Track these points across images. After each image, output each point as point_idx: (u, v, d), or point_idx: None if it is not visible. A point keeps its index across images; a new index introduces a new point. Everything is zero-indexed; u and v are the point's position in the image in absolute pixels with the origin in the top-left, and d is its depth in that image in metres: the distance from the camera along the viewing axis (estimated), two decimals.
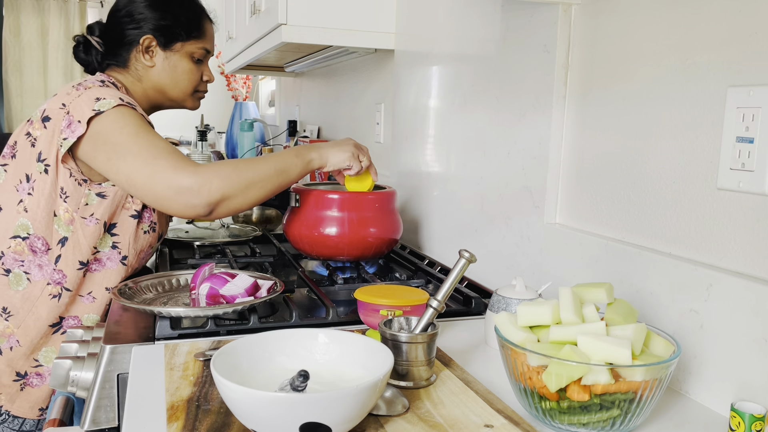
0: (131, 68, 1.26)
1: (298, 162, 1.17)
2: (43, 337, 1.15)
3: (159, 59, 1.26)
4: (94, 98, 1.10)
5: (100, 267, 1.18)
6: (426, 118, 1.58)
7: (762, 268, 0.72)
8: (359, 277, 1.28)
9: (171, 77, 1.27)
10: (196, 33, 1.28)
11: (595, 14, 0.98)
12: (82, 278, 1.16)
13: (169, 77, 1.27)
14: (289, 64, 2.72)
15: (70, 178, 1.12)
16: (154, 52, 1.25)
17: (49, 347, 1.16)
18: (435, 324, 0.80)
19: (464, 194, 1.38)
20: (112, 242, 1.18)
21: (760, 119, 0.71)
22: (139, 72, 1.26)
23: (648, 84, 0.88)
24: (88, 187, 1.13)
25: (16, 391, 1.15)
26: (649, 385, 0.65)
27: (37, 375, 1.16)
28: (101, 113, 1.08)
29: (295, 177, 1.17)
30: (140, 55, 1.24)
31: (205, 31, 1.31)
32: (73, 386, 0.93)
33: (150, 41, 1.24)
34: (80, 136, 1.07)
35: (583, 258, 0.99)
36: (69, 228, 1.13)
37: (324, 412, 0.59)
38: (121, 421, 0.89)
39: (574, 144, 1.04)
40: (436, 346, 0.80)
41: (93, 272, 1.17)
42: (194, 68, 1.30)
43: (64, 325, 1.17)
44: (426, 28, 1.57)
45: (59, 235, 1.13)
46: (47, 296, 1.14)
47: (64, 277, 1.14)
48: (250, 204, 1.12)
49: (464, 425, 0.68)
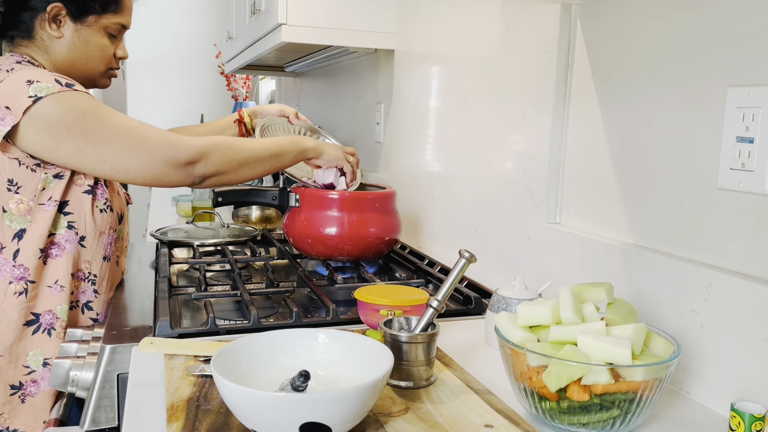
0: (37, 38, 1.13)
1: (294, 148, 1.20)
2: (22, 339, 1.08)
3: (68, 31, 1.13)
4: (25, 81, 1.01)
5: (60, 252, 1.10)
6: (426, 118, 1.58)
7: (762, 268, 0.72)
8: (359, 277, 1.28)
9: (82, 52, 1.16)
10: (114, 7, 1.17)
11: (595, 14, 0.98)
12: (43, 266, 1.09)
13: (79, 52, 1.15)
14: (289, 64, 2.72)
15: (20, 166, 1.04)
16: (62, 22, 1.12)
17: (35, 350, 1.09)
18: (435, 324, 0.80)
19: (464, 194, 1.38)
20: (67, 222, 1.11)
21: (760, 119, 0.71)
22: (45, 43, 1.13)
23: (648, 84, 0.88)
24: (44, 170, 1.06)
25: (18, 405, 1.09)
26: (649, 385, 0.65)
27: (32, 382, 1.09)
28: (40, 99, 1.00)
29: (288, 162, 1.19)
30: (46, 23, 1.11)
31: (122, 4, 1.19)
32: (73, 386, 0.93)
33: (58, 10, 1.11)
34: (15, 124, 0.99)
35: (583, 258, 0.99)
36: (26, 219, 1.07)
37: (324, 412, 0.59)
38: (121, 421, 0.89)
39: (574, 144, 1.04)
40: (436, 346, 0.80)
41: (54, 258, 1.10)
42: (108, 44, 1.18)
43: (41, 322, 1.09)
44: (426, 28, 1.57)
45: (13, 230, 1.06)
46: (12, 296, 1.07)
47: (27, 270, 1.07)
48: (240, 181, 1.14)
49: (464, 425, 0.68)
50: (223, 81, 4.25)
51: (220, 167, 1.09)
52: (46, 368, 1.09)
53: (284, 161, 1.19)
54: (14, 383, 1.09)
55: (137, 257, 1.46)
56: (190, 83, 4.27)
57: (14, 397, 1.09)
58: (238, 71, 2.95)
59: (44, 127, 1.01)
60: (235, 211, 1.87)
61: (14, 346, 1.08)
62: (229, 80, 3.92)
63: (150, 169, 1.05)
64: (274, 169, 1.18)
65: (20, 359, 1.09)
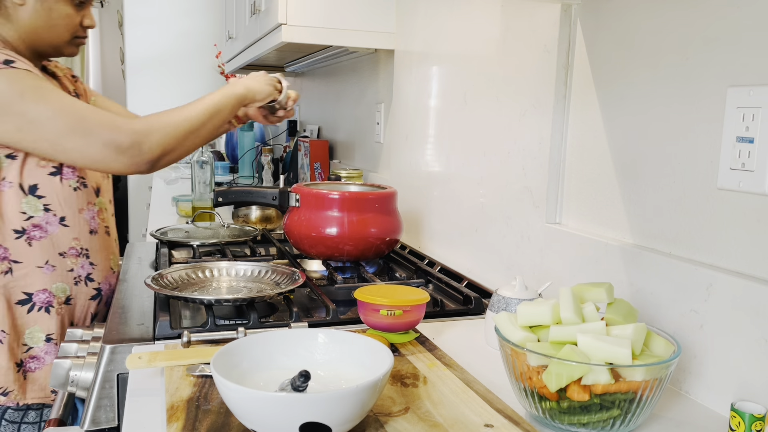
0: (1, 7, 1.12)
1: (229, 100, 1.18)
2: (19, 318, 1.12)
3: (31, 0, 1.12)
4: None
5: (43, 234, 1.13)
6: (426, 118, 1.58)
7: (762, 268, 0.72)
8: (359, 277, 1.28)
9: (46, 21, 1.13)
10: None
11: (595, 14, 0.98)
12: (29, 248, 1.12)
13: (43, 20, 1.13)
14: (289, 64, 2.72)
15: None
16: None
17: (32, 328, 1.14)
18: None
19: (464, 194, 1.38)
20: (43, 205, 1.13)
21: (760, 119, 0.71)
22: (8, 11, 1.12)
23: (648, 84, 0.88)
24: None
25: (23, 382, 1.14)
26: (649, 385, 0.65)
27: (31, 358, 1.14)
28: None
29: (227, 115, 1.18)
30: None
31: None
32: (73, 386, 0.93)
33: None
34: None
35: (583, 258, 0.99)
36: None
37: (324, 412, 0.59)
38: (121, 421, 0.89)
39: (574, 144, 1.04)
40: None
41: (39, 240, 1.13)
42: (73, 13, 1.16)
43: (35, 301, 1.13)
44: (426, 28, 1.57)
45: None
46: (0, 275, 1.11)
47: (6, 250, 1.10)
48: (189, 152, 1.13)
49: (464, 425, 0.68)
50: (223, 81, 4.25)
51: (165, 146, 1.07)
52: (50, 343, 1.13)
53: (224, 115, 1.17)
54: (17, 361, 1.14)
55: (137, 257, 1.46)
56: (190, 83, 4.27)
57: (19, 374, 1.14)
58: (238, 71, 2.95)
59: None
60: (235, 211, 1.87)
61: (13, 323, 1.13)
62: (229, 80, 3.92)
63: (88, 150, 1.03)
64: (217, 126, 1.16)
65: (20, 338, 1.14)
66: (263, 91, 1.25)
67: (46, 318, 1.14)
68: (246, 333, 0.89)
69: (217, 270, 1.18)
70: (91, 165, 1.06)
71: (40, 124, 1.02)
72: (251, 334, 0.76)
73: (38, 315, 1.14)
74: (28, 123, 1.02)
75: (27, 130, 1.02)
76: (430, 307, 1.08)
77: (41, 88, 1.04)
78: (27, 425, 1.13)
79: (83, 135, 1.02)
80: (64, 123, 1.02)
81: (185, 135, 1.09)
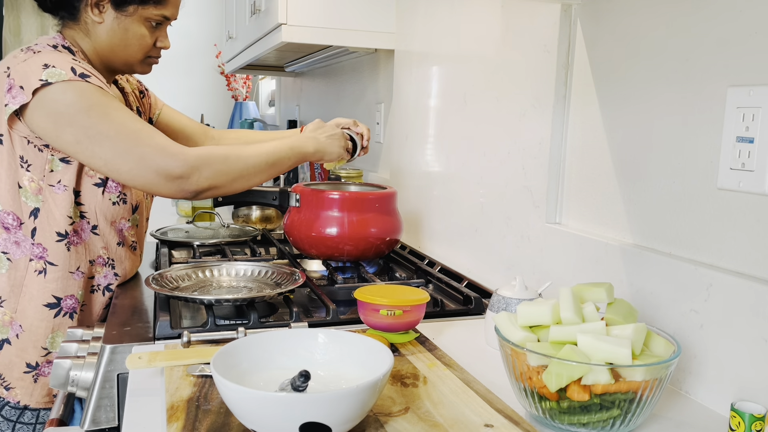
0: (81, 22, 1.16)
1: (295, 155, 1.19)
2: (44, 320, 1.13)
3: (109, 18, 1.15)
4: (42, 65, 1.03)
5: (79, 240, 1.15)
6: (426, 118, 1.58)
7: (762, 268, 0.72)
8: (359, 277, 1.28)
9: (121, 39, 1.17)
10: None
11: (595, 14, 0.98)
12: (67, 252, 1.13)
13: (118, 39, 1.17)
14: (289, 64, 2.72)
15: (29, 145, 1.08)
16: (104, 8, 1.15)
17: (55, 333, 1.14)
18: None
19: (464, 194, 1.38)
20: (80, 211, 1.15)
21: (760, 119, 0.71)
22: (88, 26, 1.16)
23: (648, 84, 0.88)
24: (50, 152, 1.09)
25: (30, 383, 1.13)
26: (649, 385, 0.65)
27: (48, 363, 1.14)
28: (50, 84, 1.02)
29: (285, 169, 1.18)
30: (89, 8, 1.14)
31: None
32: (73, 386, 0.93)
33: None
34: (24, 104, 1.02)
35: (583, 258, 0.99)
36: (38, 198, 1.10)
37: (324, 412, 0.59)
38: (121, 421, 0.89)
39: (574, 144, 1.04)
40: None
41: (76, 245, 1.14)
42: (147, 34, 1.19)
43: (63, 306, 1.14)
44: (426, 28, 1.57)
45: (29, 207, 1.10)
46: (33, 273, 1.12)
47: (45, 250, 1.11)
48: (235, 192, 1.13)
49: (464, 425, 0.68)
50: (223, 81, 4.26)
51: (213, 181, 1.07)
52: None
53: (282, 168, 1.17)
54: (30, 362, 1.14)
55: None
56: (190, 83, 4.27)
57: (28, 375, 1.14)
58: (238, 71, 2.95)
59: (49, 113, 1.03)
60: (235, 211, 1.87)
61: (36, 324, 1.13)
62: (229, 80, 3.92)
63: (140, 175, 1.04)
64: (270, 177, 1.16)
65: (39, 340, 1.14)
66: (333, 153, 1.26)
67: (69, 324, 1.15)
68: (246, 333, 0.89)
69: (217, 270, 1.18)
70: (138, 187, 1.07)
71: (98, 142, 1.04)
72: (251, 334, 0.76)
73: (63, 320, 1.15)
74: (88, 138, 1.04)
75: (85, 145, 1.04)
76: (430, 307, 1.08)
77: (108, 106, 1.06)
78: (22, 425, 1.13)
79: (138, 160, 1.04)
80: (122, 145, 1.04)
81: (237, 177, 1.10)
